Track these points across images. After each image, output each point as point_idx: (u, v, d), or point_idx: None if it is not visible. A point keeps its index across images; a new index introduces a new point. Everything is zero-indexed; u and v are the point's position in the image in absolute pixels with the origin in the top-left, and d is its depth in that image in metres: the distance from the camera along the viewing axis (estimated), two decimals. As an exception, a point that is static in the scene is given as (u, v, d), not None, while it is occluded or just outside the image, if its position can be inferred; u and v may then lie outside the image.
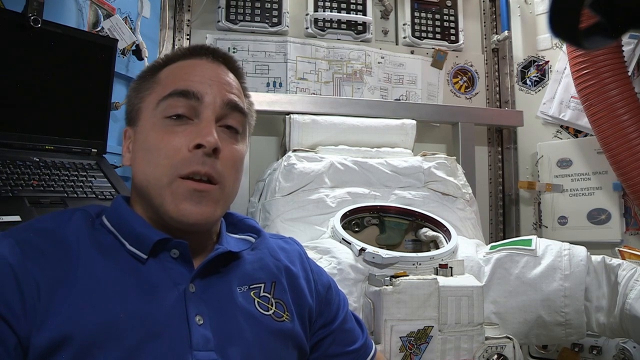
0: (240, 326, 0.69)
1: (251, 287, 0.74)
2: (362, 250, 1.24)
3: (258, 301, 0.73)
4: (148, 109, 0.73)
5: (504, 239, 1.82)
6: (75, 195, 1.09)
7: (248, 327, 0.70)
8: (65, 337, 0.58)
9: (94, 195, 1.12)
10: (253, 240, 0.82)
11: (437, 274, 1.23)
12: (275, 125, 1.87)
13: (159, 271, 0.67)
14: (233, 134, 0.74)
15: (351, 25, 2.01)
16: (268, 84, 1.92)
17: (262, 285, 0.75)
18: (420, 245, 1.52)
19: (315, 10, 1.97)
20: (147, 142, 0.71)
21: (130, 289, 0.64)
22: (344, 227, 1.36)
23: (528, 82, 2.08)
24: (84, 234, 0.67)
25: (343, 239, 1.30)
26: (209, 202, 0.68)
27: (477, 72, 2.17)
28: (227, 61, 0.79)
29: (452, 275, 1.24)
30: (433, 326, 1.14)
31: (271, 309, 0.74)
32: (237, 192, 0.76)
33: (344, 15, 1.99)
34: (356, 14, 2.00)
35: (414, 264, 1.24)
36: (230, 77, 0.77)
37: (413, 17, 2.08)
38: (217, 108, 0.71)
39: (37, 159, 1.13)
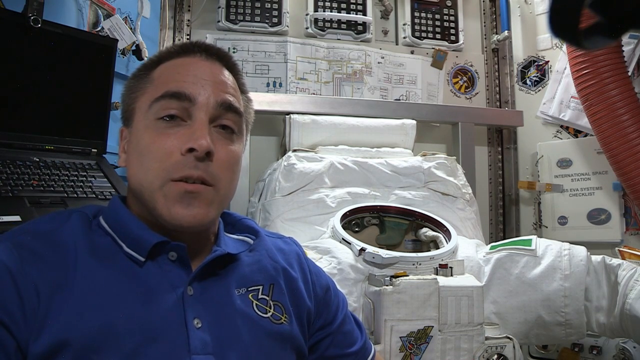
0: (239, 329, 0.69)
1: (249, 289, 0.73)
2: (362, 250, 1.24)
3: (256, 304, 0.73)
4: (141, 110, 0.72)
5: (504, 239, 1.82)
6: (75, 196, 1.09)
7: (246, 329, 0.69)
8: (62, 342, 0.57)
9: (94, 196, 1.12)
10: (251, 241, 0.81)
11: (437, 274, 1.23)
12: (275, 125, 1.87)
13: (156, 274, 0.67)
14: (229, 134, 0.72)
15: (351, 25, 2.01)
16: (268, 84, 1.92)
17: (261, 287, 0.75)
18: (420, 245, 1.52)
19: (315, 10, 1.97)
20: (140, 144, 0.70)
21: (128, 293, 0.63)
22: (344, 227, 1.36)
23: (528, 82, 2.08)
24: (81, 236, 0.66)
25: (343, 239, 1.30)
26: (201, 204, 0.67)
27: (477, 72, 2.17)
28: (221, 58, 0.76)
29: (452, 275, 1.24)
30: (433, 326, 1.14)
31: (269, 312, 0.73)
32: (234, 193, 0.75)
33: (344, 15, 1.99)
34: (356, 14, 2.00)
35: (414, 264, 1.24)
36: (225, 75, 0.75)
37: (413, 17, 2.08)
38: (210, 109, 0.70)
39: (37, 159, 1.13)
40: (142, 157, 0.69)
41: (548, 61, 2.02)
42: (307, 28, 1.97)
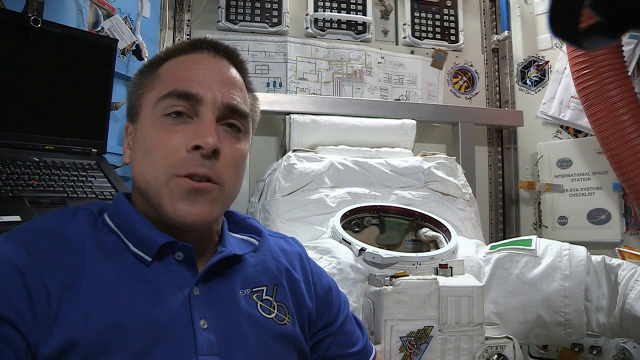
0: (243, 330, 0.69)
1: (253, 290, 0.74)
2: (362, 250, 1.24)
3: (260, 304, 0.73)
4: (148, 106, 0.71)
5: (504, 239, 1.82)
6: (75, 196, 1.09)
7: (251, 330, 0.69)
8: (71, 343, 0.57)
9: (94, 195, 1.12)
10: (256, 242, 0.81)
11: (437, 274, 1.23)
12: (275, 125, 1.87)
13: (163, 274, 0.66)
14: (235, 132, 0.72)
15: (351, 25, 2.01)
16: (268, 84, 1.92)
17: (265, 288, 0.75)
18: (420, 245, 1.52)
19: (315, 10, 1.97)
20: (146, 140, 0.69)
21: (136, 293, 0.63)
22: (344, 227, 1.36)
23: (528, 82, 2.08)
24: (87, 234, 0.66)
25: (343, 239, 1.30)
26: (205, 201, 0.67)
27: (477, 72, 2.17)
28: (229, 55, 0.76)
29: (452, 275, 1.24)
30: (433, 326, 1.14)
31: (273, 312, 0.74)
32: (239, 191, 0.74)
33: (344, 15, 1.99)
34: (356, 14, 2.00)
35: (414, 264, 1.24)
36: (232, 73, 0.74)
37: (413, 17, 2.08)
38: (217, 108, 0.69)
39: (37, 159, 1.13)
40: (147, 153, 0.68)
41: (548, 61, 2.02)
42: (307, 28, 1.97)
